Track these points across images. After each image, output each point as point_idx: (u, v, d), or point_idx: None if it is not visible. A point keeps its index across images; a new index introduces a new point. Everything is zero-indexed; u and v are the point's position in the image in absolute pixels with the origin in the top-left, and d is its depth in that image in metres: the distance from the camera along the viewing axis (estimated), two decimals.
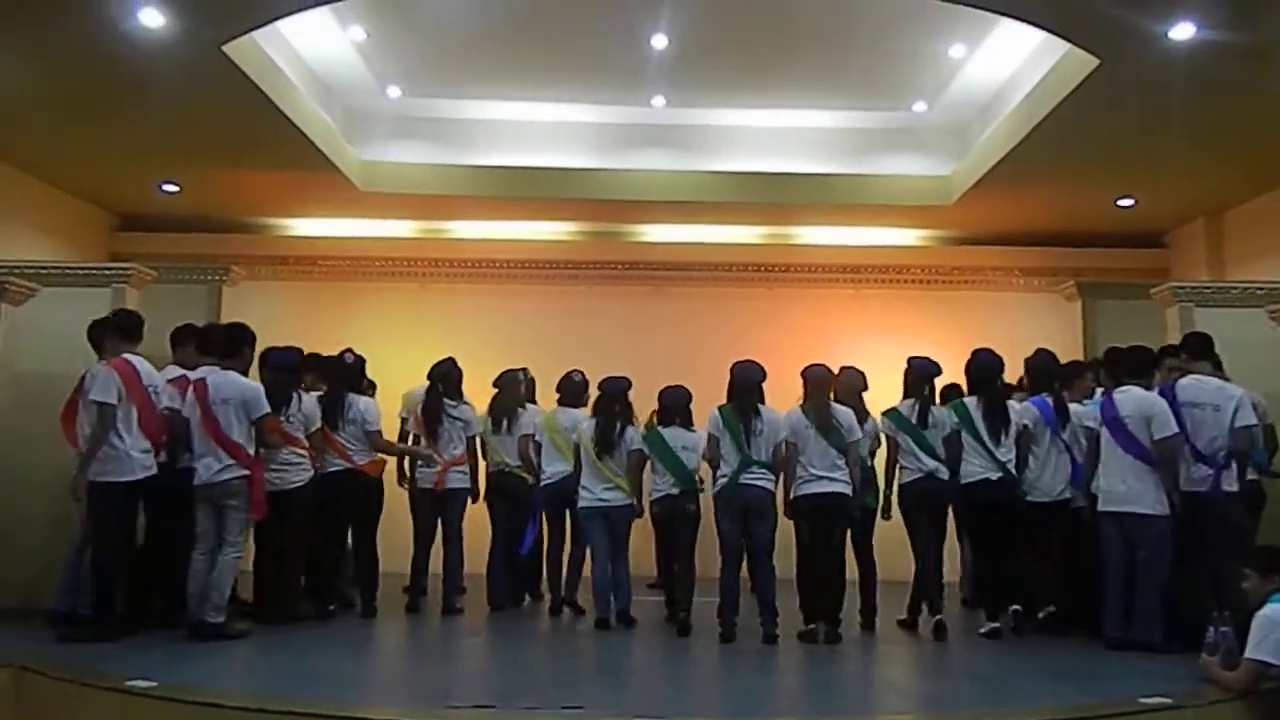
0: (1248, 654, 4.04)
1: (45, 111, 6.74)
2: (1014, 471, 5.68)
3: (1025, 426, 5.75)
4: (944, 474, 5.75)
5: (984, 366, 5.86)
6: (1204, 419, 5.22)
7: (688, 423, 5.99)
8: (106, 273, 6.42)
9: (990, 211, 8.66)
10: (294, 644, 5.11)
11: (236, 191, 8.49)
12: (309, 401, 5.89)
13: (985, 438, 5.66)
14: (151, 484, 5.17)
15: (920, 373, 5.96)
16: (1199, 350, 5.43)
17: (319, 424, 5.86)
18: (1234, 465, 5.18)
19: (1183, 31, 5.40)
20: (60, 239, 8.40)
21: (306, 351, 6.17)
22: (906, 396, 5.96)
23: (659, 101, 8.23)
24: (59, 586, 5.27)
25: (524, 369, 7.02)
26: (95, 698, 3.95)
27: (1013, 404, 5.89)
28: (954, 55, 7.37)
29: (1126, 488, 5.27)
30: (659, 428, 5.98)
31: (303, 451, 5.71)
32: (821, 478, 5.47)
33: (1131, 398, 5.37)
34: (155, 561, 5.44)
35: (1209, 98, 6.17)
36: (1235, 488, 5.17)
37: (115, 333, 5.26)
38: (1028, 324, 8.62)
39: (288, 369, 5.76)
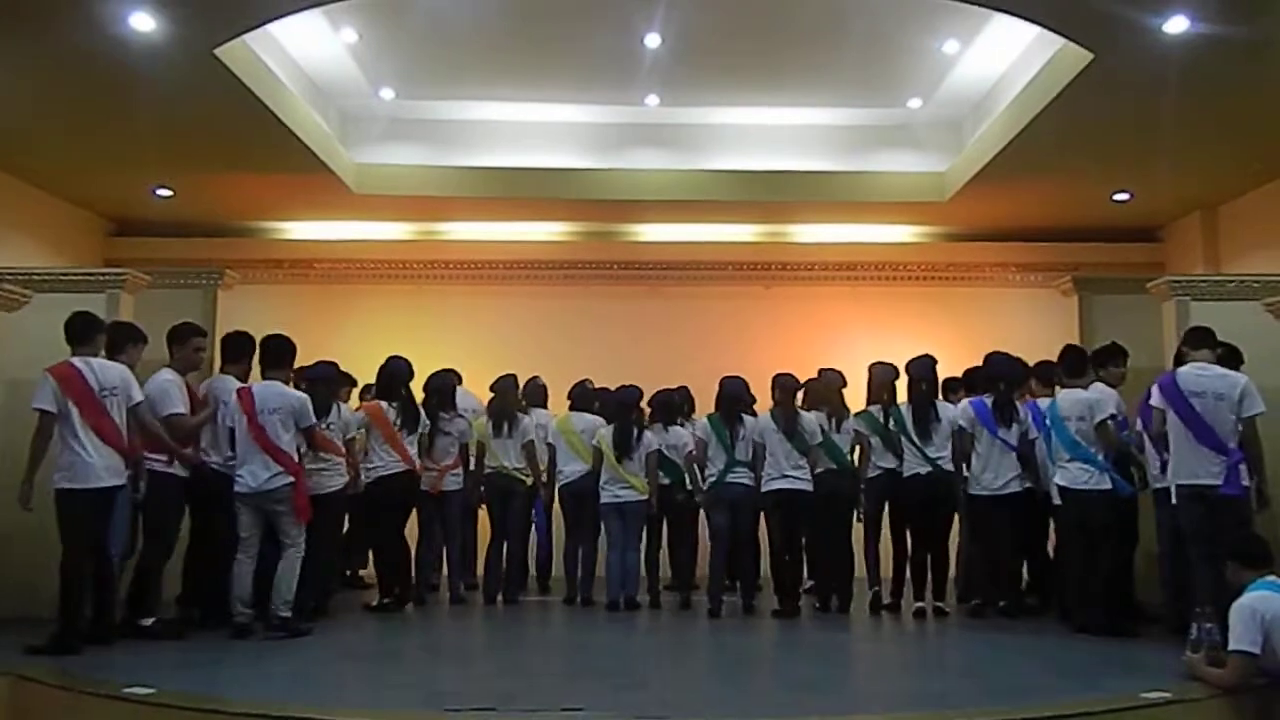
0: (1230, 647, 3.97)
1: (37, 117, 6.72)
2: (945, 467, 6.18)
3: (960, 427, 6.20)
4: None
5: (914, 373, 6.39)
6: (1205, 408, 5.07)
7: (673, 422, 6.73)
8: (100, 278, 6.40)
9: (986, 207, 8.65)
10: (294, 648, 5.09)
11: (230, 195, 8.46)
12: (346, 411, 6.31)
13: (915, 438, 6.21)
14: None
15: (880, 378, 6.49)
16: (1197, 340, 5.35)
17: (354, 432, 6.21)
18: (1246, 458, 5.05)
19: (1176, 25, 5.40)
20: (53, 245, 8.37)
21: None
22: (871, 402, 6.49)
23: (653, 101, 8.20)
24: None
25: (537, 376, 7.32)
26: (93, 705, 3.94)
27: (947, 405, 6.42)
28: (948, 51, 7.36)
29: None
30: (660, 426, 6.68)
31: (339, 458, 5.99)
32: (785, 475, 6.19)
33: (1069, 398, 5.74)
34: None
35: (1203, 91, 6.17)
36: (1249, 483, 5.03)
37: (68, 338, 5.17)
38: (1024, 319, 8.65)
39: (326, 380, 6.11)
